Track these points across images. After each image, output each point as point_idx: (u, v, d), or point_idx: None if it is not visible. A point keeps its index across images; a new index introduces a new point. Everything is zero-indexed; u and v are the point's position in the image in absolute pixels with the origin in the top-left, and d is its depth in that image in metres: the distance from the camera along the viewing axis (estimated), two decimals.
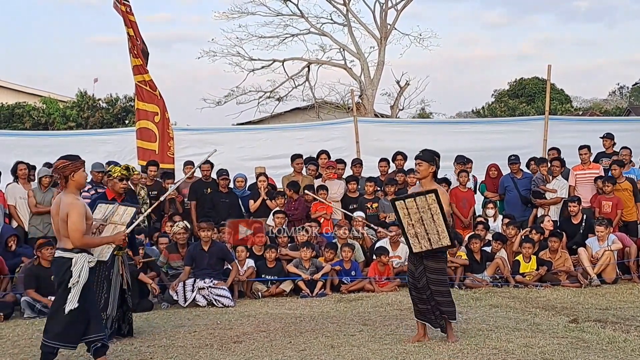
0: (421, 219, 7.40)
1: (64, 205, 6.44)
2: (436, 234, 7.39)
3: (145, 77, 14.18)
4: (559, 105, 35.02)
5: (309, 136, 15.99)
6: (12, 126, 28.58)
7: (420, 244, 7.42)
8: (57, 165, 6.61)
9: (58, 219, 6.49)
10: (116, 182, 8.52)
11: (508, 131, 16.15)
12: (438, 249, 7.47)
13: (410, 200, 7.51)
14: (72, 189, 6.58)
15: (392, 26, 28.53)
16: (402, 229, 7.53)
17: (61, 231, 6.49)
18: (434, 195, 7.43)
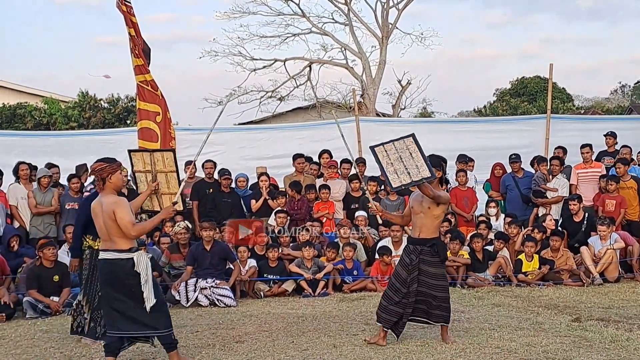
0: (400, 157, 7.43)
1: (107, 206, 6.54)
2: (415, 168, 7.38)
3: (147, 77, 14.13)
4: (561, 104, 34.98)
5: (310, 136, 15.98)
6: (13, 126, 28.58)
7: (399, 178, 7.36)
8: (95, 168, 6.72)
9: (102, 221, 6.58)
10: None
11: (510, 130, 16.12)
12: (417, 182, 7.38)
13: (389, 144, 7.58)
14: (110, 190, 6.72)
15: (394, 25, 28.49)
16: (382, 168, 7.46)
17: (110, 231, 6.56)
18: (411, 138, 7.56)
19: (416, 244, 7.60)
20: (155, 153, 7.68)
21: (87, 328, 8.10)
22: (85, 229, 8.17)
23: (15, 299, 10.31)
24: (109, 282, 6.63)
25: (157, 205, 7.67)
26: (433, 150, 14.76)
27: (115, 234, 6.54)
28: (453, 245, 11.75)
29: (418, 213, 7.62)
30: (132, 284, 6.56)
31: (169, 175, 7.66)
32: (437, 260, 7.60)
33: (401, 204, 12.87)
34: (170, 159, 7.61)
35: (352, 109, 19.38)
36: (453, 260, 11.68)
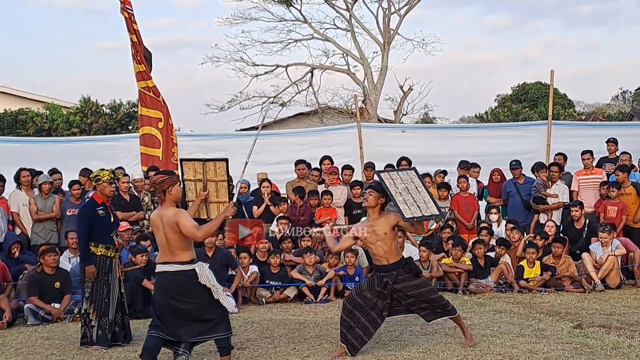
0: (407, 188, 7.44)
1: (169, 218, 6.63)
2: (423, 203, 7.38)
3: (149, 83, 14.17)
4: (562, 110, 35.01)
5: (312, 142, 15.98)
6: (15, 132, 28.65)
7: (410, 209, 7.29)
8: (156, 180, 6.82)
9: (162, 234, 6.67)
10: (106, 186, 8.49)
11: (511, 136, 16.11)
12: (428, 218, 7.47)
13: (394, 172, 7.66)
14: (170, 202, 6.78)
15: (395, 31, 28.50)
16: (391, 196, 7.35)
17: (172, 244, 6.66)
18: (414, 171, 7.65)
19: (389, 270, 7.43)
20: (208, 162, 7.76)
21: (96, 336, 8.16)
22: (88, 236, 8.27)
23: (16, 306, 10.31)
24: (171, 294, 6.69)
25: (205, 213, 7.71)
26: (436, 156, 15.01)
27: (177, 247, 6.66)
28: (455, 252, 11.75)
29: (374, 242, 7.45)
30: (197, 293, 6.69)
31: (219, 184, 7.73)
32: (411, 275, 7.51)
33: None
34: (222, 169, 7.70)
35: (354, 115, 19.38)
36: (455, 266, 11.68)
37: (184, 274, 6.67)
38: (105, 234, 8.40)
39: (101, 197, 8.53)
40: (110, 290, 8.33)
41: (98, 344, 8.13)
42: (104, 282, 8.28)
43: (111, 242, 8.44)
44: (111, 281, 8.36)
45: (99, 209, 8.43)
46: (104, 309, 8.22)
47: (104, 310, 8.22)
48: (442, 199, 13.23)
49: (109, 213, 8.54)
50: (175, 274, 6.67)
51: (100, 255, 8.31)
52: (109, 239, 8.43)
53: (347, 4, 28.32)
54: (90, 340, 8.19)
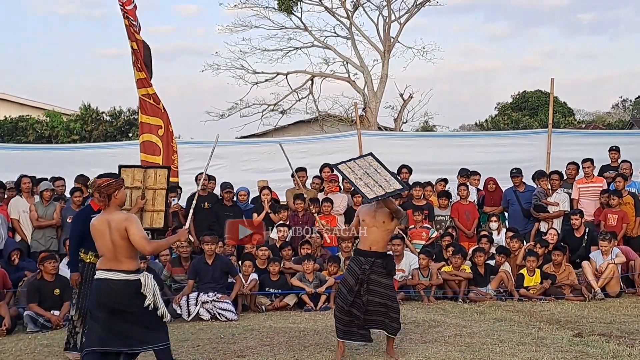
0: (366, 172, 7.57)
1: (118, 223, 6.29)
2: (385, 181, 7.49)
3: (149, 90, 14.18)
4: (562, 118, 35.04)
5: (312, 149, 15.97)
6: (15, 139, 28.66)
7: (372, 190, 7.41)
8: (101, 184, 6.45)
9: (109, 239, 6.31)
10: None
11: (511, 144, 16.10)
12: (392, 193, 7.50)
13: (350, 162, 7.74)
14: (115, 207, 6.47)
15: (396, 39, 28.57)
16: (352, 183, 7.55)
17: (119, 251, 6.30)
18: (370, 156, 7.81)
19: (368, 256, 7.58)
20: (148, 169, 7.60)
21: (80, 343, 8.03)
22: (80, 243, 8.15)
23: (16, 313, 10.29)
24: (108, 304, 6.31)
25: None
26: (436, 164, 15.01)
27: (124, 254, 6.31)
28: (455, 260, 11.74)
29: (371, 227, 7.62)
30: (137, 304, 6.32)
31: (157, 192, 7.58)
32: (386, 273, 7.65)
33: (403, 217, 12.86)
34: (162, 176, 7.55)
35: (354, 123, 19.39)
36: (455, 274, 11.67)
37: (129, 283, 6.31)
38: None
39: (98, 204, 8.43)
40: None
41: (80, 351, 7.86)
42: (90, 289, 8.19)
43: None
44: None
45: (93, 216, 8.28)
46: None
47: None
48: (443, 207, 13.26)
49: None
50: (119, 283, 6.30)
51: (89, 262, 8.13)
52: None
53: (347, 12, 28.39)
54: (74, 346, 8.09)
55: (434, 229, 12.95)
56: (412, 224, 12.92)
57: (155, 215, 7.37)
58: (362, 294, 7.50)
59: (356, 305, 7.51)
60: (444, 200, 13.28)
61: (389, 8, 28.21)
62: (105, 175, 6.61)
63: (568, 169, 13.67)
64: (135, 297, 6.30)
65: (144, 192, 7.59)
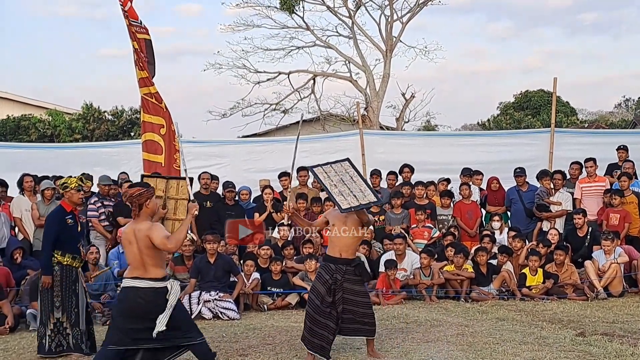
0: (342, 180, 7.50)
1: (143, 233, 6.40)
2: (360, 192, 7.43)
3: (151, 89, 14.18)
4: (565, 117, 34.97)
5: (314, 149, 15.96)
6: (18, 138, 28.64)
7: (346, 200, 7.36)
8: (133, 193, 6.52)
9: (136, 248, 6.42)
10: (74, 193, 8.29)
11: (514, 144, 16.12)
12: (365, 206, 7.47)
13: (327, 166, 7.68)
14: (145, 216, 6.55)
15: (398, 39, 28.55)
16: (327, 190, 7.47)
17: (146, 260, 6.42)
18: (347, 162, 7.76)
19: (338, 264, 7.47)
20: (170, 180, 7.69)
21: (72, 344, 8.06)
22: (54, 245, 8.09)
23: (19, 311, 10.29)
24: (135, 311, 6.42)
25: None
26: (438, 163, 15.01)
27: (151, 263, 6.43)
28: (457, 259, 11.73)
29: (340, 230, 7.49)
30: (158, 312, 6.41)
31: (179, 202, 7.65)
32: (359, 279, 7.58)
33: (405, 217, 12.90)
34: (184, 187, 7.63)
35: (356, 122, 19.38)
36: (457, 273, 11.66)
37: (156, 291, 6.42)
38: (72, 244, 8.22)
39: (70, 205, 8.32)
40: (79, 300, 8.18)
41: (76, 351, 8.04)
42: (71, 291, 8.13)
43: (77, 252, 8.24)
44: (78, 291, 8.20)
45: (67, 217, 8.22)
46: (74, 319, 8.08)
47: (74, 320, 8.08)
48: (445, 206, 13.25)
49: (77, 222, 8.36)
50: (148, 291, 6.41)
51: (66, 265, 8.10)
52: (76, 248, 8.24)
53: (349, 12, 28.37)
54: (68, 347, 8.05)
55: (436, 228, 12.94)
56: (414, 223, 12.91)
57: (177, 223, 7.49)
58: (337, 304, 7.41)
59: (332, 317, 7.40)
60: (446, 199, 13.28)
61: (391, 7, 28.20)
62: (136, 184, 6.71)
63: (571, 168, 13.66)
64: (159, 305, 6.40)
65: (165, 202, 7.66)
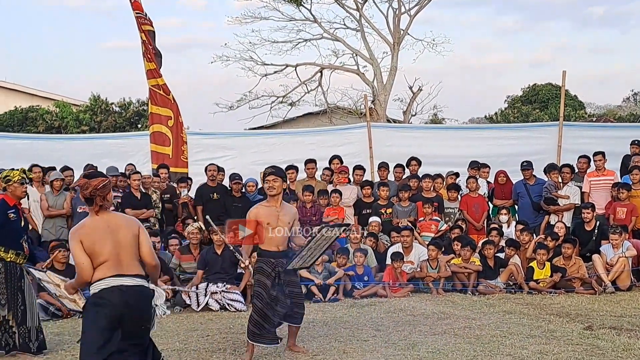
0: (319, 245, 7.36)
1: (126, 223, 5.45)
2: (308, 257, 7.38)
3: (159, 80, 14.21)
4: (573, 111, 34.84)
5: (321, 141, 15.97)
6: (25, 130, 28.71)
7: (299, 261, 7.37)
8: (97, 185, 5.35)
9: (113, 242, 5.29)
10: (17, 187, 7.95)
11: (522, 137, 16.07)
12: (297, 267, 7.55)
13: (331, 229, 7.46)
14: (107, 208, 5.49)
15: (405, 31, 28.45)
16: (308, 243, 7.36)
17: (128, 254, 5.37)
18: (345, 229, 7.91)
19: (278, 257, 7.44)
20: None
21: (19, 344, 7.77)
22: None
23: None
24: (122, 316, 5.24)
25: None
26: (445, 156, 15.01)
27: (134, 256, 5.40)
28: (464, 252, 11.72)
29: (275, 227, 7.41)
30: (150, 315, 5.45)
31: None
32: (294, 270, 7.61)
33: (412, 210, 12.89)
34: None
35: (363, 115, 19.37)
36: (464, 267, 11.65)
37: (145, 290, 5.39)
38: (16, 239, 7.87)
39: (13, 199, 7.95)
40: (26, 298, 7.87)
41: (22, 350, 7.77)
42: (17, 288, 7.83)
43: (21, 249, 7.89)
44: (25, 288, 7.87)
45: (10, 212, 7.86)
46: (21, 317, 7.79)
47: (21, 318, 7.79)
48: (452, 199, 13.23)
49: (20, 217, 8.02)
50: (135, 290, 5.30)
51: (9, 261, 7.81)
52: (19, 244, 7.88)
53: (357, 4, 28.28)
54: (14, 346, 7.78)
55: (443, 221, 12.92)
56: (421, 217, 12.90)
57: None
58: (286, 297, 7.40)
59: (276, 312, 7.37)
60: (453, 192, 13.26)
61: (399, 0, 28.12)
62: (92, 174, 5.54)
63: (579, 162, 13.61)
64: (149, 308, 5.44)
65: None
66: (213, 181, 13.00)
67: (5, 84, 34.05)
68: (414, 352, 7.40)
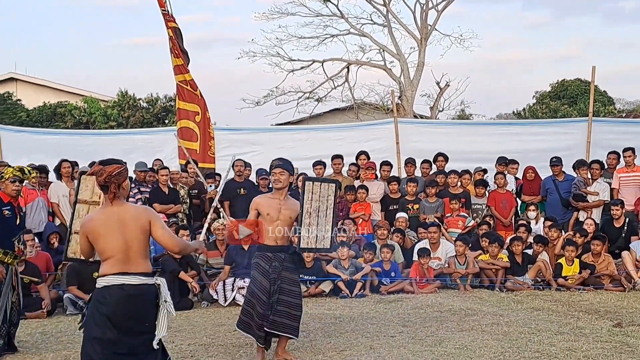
0: (318, 209, 7.26)
1: (136, 215, 5.21)
2: (321, 233, 7.27)
3: (186, 76, 14.23)
4: (602, 107, 34.51)
5: (348, 137, 15.96)
6: (54, 125, 28.94)
7: (308, 237, 7.22)
8: (112, 172, 5.16)
9: (121, 237, 5.12)
10: (8, 184, 7.79)
11: (550, 133, 15.93)
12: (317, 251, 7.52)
13: (317, 183, 7.43)
14: (121, 199, 5.29)
15: (433, 27, 28.35)
16: (301, 214, 7.23)
17: (135, 250, 5.16)
18: (335, 186, 7.49)
19: (276, 252, 7.26)
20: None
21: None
22: None
23: (56, 295, 10.44)
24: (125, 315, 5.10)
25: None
26: (472, 152, 14.92)
27: (141, 253, 5.20)
28: (492, 249, 11.66)
29: (275, 220, 7.27)
30: (152, 315, 5.21)
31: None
32: (295, 268, 7.44)
33: (440, 205, 12.86)
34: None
35: (390, 111, 19.32)
36: (492, 263, 11.59)
37: (149, 289, 5.19)
38: (6, 237, 7.64)
39: (6, 195, 7.79)
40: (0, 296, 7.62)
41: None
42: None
43: (11, 248, 7.65)
44: (3, 288, 7.62)
45: (4, 208, 7.69)
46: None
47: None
48: (479, 195, 13.17)
49: (16, 214, 7.81)
50: (137, 289, 5.12)
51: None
52: (9, 243, 7.65)
53: (384, 0, 28.22)
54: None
55: (470, 217, 12.86)
56: (448, 212, 12.85)
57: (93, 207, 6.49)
58: (273, 294, 7.18)
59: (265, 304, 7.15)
60: (481, 189, 13.20)
61: None
62: (108, 161, 5.31)
63: (609, 158, 13.49)
64: (151, 306, 5.22)
65: None
66: (240, 176, 13.04)
67: (34, 79, 34.35)
68: (441, 349, 7.38)
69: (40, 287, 10.14)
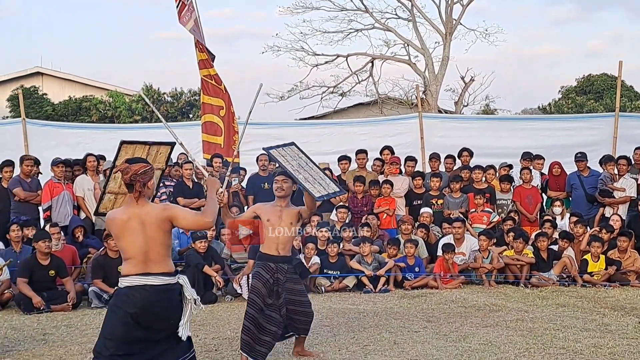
0: (300, 165, 7.08)
1: (156, 215, 5.13)
2: (321, 180, 7.06)
3: (211, 71, 14.28)
4: (629, 102, 34.19)
5: (372, 132, 15.92)
6: (79, 119, 29.15)
7: (315, 188, 6.94)
8: (137, 170, 5.13)
9: (142, 238, 5.09)
10: None
11: (576, 128, 15.80)
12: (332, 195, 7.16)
13: (279, 148, 7.23)
14: (145, 198, 5.24)
15: (458, 21, 28.20)
16: (292, 176, 6.95)
17: (156, 249, 5.12)
18: (294, 146, 7.31)
19: (278, 262, 7.00)
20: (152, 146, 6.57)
21: None
22: None
23: (81, 289, 10.53)
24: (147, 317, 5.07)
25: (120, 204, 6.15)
26: (497, 147, 14.84)
27: (162, 252, 5.15)
28: (516, 244, 11.59)
29: (276, 227, 7.00)
30: (176, 315, 5.16)
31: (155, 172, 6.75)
32: (299, 278, 7.22)
33: (464, 201, 12.80)
34: (163, 155, 6.48)
35: (414, 106, 19.25)
36: (516, 259, 11.52)
37: (173, 288, 5.15)
38: None
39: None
40: None
41: None
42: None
43: None
44: None
45: None
46: None
47: None
48: (504, 191, 13.10)
49: None
50: (160, 290, 5.09)
51: None
52: None
53: None
54: None
55: (495, 212, 12.80)
56: (473, 208, 12.79)
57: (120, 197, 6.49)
58: (281, 307, 6.95)
59: (275, 321, 6.91)
60: (506, 184, 13.12)
61: None
62: (134, 160, 5.31)
63: (635, 154, 13.35)
64: (174, 306, 5.16)
65: None
66: (264, 171, 13.05)
67: (60, 74, 34.57)
68: (465, 344, 7.36)
69: (65, 280, 10.24)
